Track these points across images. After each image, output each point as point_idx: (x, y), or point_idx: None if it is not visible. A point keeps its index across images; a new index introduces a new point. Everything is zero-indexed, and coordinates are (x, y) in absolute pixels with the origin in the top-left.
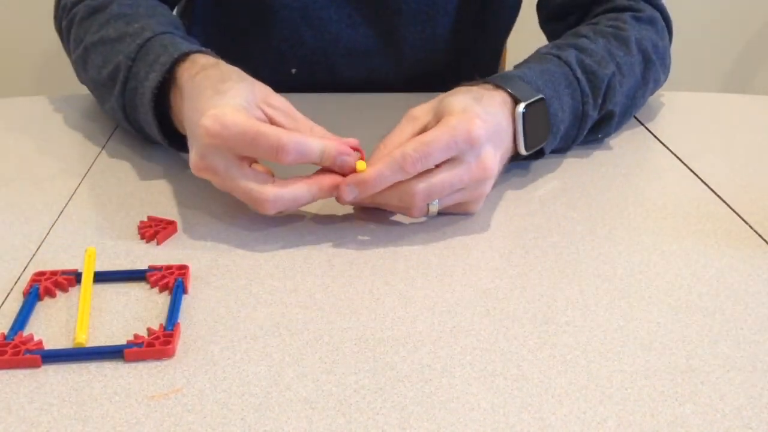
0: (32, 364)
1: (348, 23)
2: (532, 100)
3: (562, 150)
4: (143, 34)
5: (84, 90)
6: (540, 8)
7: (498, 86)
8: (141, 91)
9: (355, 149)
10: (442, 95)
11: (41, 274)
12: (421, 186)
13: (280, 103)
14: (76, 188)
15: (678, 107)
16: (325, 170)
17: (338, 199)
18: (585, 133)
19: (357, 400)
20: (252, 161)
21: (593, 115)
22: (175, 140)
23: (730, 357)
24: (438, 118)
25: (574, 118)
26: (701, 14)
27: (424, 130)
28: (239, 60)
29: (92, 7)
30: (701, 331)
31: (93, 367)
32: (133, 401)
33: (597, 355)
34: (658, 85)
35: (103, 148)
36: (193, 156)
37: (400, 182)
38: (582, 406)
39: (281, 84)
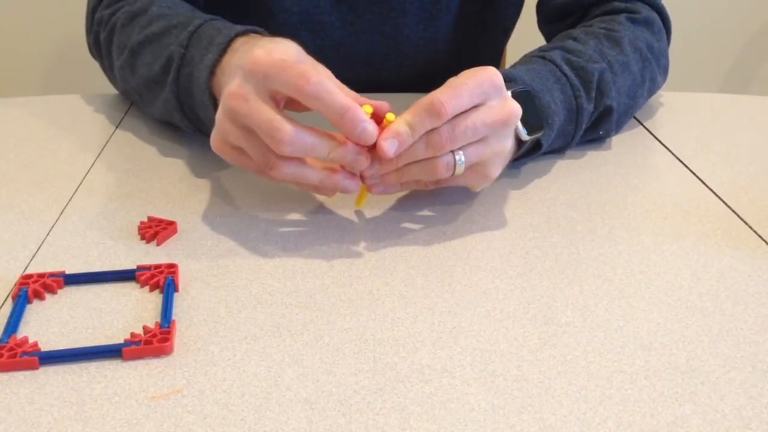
0: (30, 366)
1: (350, 30)
2: (518, 89)
3: (563, 148)
4: (193, 22)
5: (84, 90)
6: (539, 9)
7: None
8: (196, 74)
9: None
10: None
11: (28, 277)
12: (446, 126)
13: (324, 69)
14: (76, 188)
15: (678, 107)
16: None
17: (380, 151)
18: (583, 128)
19: (357, 400)
20: (283, 104)
21: (588, 108)
22: None
23: (730, 357)
24: None
25: (568, 113)
26: (701, 14)
27: None
28: None
29: (131, 12)
30: (701, 331)
31: (92, 368)
32: (133, 402)
33: (597, 356)
34: (655, 84)
35: (103, 148)
36: (232, 83)
37: (428, 131)
38: (582, 406)
39: None
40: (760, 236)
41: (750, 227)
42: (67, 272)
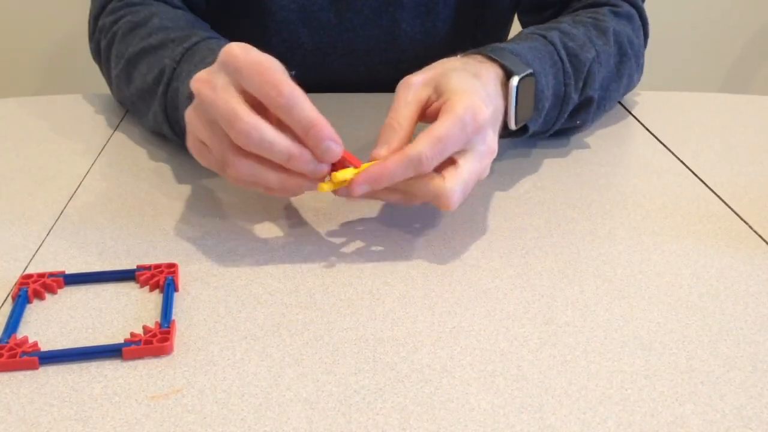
0: (30, 366)
1: (348, 26)
2: (525, 74)
3: (542, 133)
4: (190, 39)
5: (85, 90)
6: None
7: (490, 58)
8: (182, 89)
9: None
10: (437, 65)
11: (28, 277)
12: (458, 188)
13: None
14: (76, 188)
15: (678, 107)
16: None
17: (350, 192)
18: (565, 116)
19: (357, 400)
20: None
21: (574, 97)
22: None
23: (730, 357)
24: (439, 93)
25: (555, 99)
26: (702, 14)
27: (426, 102)
28: None
29: (133, 23)
30: (701, 331)
31: (92, 368)
32: (133, 401)
33: (597, 355)
34: (632, 82)
35: (103, 148)
36: (201, 72)
37: (433, 183)
38: (582, 406)
39: None
40: (760, 236)
41: (750, 227)
42: (67, 272)
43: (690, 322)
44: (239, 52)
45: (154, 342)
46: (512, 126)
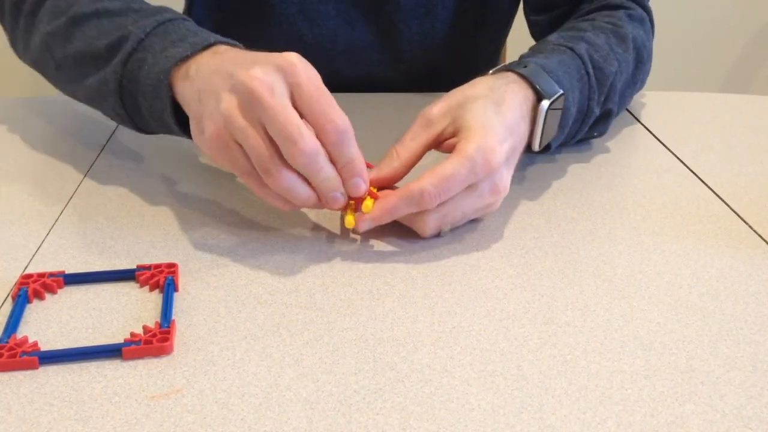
0: (30, 366)
1: (346, 19)
2: (556, 97)
3: (561, 146)
4: (162, 14)
5: None
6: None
7: (522, 76)
8: (151, 61)
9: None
10: (459, 92)
11: (28, 276)
12: (434, 217)
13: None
14: (76, 188)
15: (678, 107)
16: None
17: (356, 228)
18: (586, 129)
19: (357, 400)
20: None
21: (596, 111)
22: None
23: (730, 357)
24: (455, 127)
25: (579, 113)
26: (701, 14)
27: (439, 136)
28: None
29: None
30: (701, 331)
31: (92, 368)
32: (133, 401)
33: (597, 355)
34: (641, 86)
35: (103, 148)
36: (257, 69)
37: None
38: (582, 406)
39: None
40: (760, 236)
41: (750, 227)
42: (67, 272)
43: (690, 322)
44: (300, 66)
45: (154, 342)
46: (536, 148)
